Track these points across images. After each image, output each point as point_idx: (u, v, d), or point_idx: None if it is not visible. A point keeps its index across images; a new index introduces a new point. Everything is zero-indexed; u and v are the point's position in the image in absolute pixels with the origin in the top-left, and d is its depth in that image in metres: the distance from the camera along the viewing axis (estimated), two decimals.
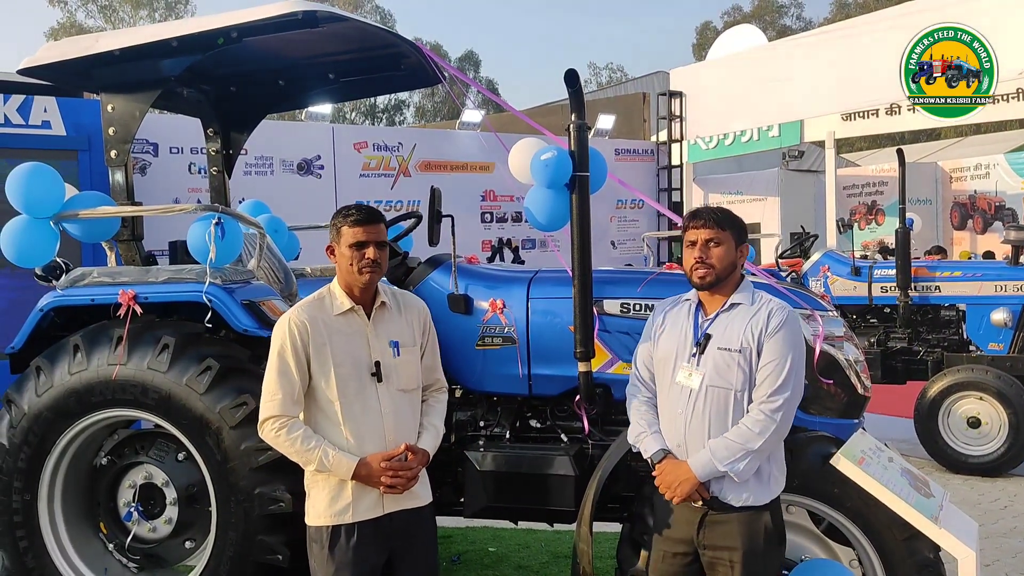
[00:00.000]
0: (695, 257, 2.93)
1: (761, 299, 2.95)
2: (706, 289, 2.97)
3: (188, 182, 9.87)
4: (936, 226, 16.77)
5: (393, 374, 3.01)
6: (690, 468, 2.84)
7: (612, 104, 19.13)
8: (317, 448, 2.90)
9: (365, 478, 2.91)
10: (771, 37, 23.04)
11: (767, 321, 2.86)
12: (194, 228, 3.87)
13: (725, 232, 2.93)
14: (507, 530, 5.81)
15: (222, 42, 3.83)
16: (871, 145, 27.33)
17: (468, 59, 51.37)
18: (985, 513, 6.28)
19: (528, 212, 3.79)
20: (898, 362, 8.38)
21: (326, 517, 2.96)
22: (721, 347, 2.88)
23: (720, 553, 2.88)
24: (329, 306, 3.02)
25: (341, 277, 3.04)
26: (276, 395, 2.92)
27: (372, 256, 2.96)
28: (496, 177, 12.48)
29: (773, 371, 2.82)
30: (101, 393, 3.79)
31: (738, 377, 2.85)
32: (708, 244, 2.91)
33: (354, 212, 3.00)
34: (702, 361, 2.90)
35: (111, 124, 4.12)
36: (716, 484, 2.86)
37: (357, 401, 2.96)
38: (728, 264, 2.93)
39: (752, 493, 2.86)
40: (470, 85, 8.38)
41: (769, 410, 2.80)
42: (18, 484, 3.90)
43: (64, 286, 4.02)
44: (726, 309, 2.95)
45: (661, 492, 2.92)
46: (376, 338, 3.02)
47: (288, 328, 2.95)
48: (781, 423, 2.81)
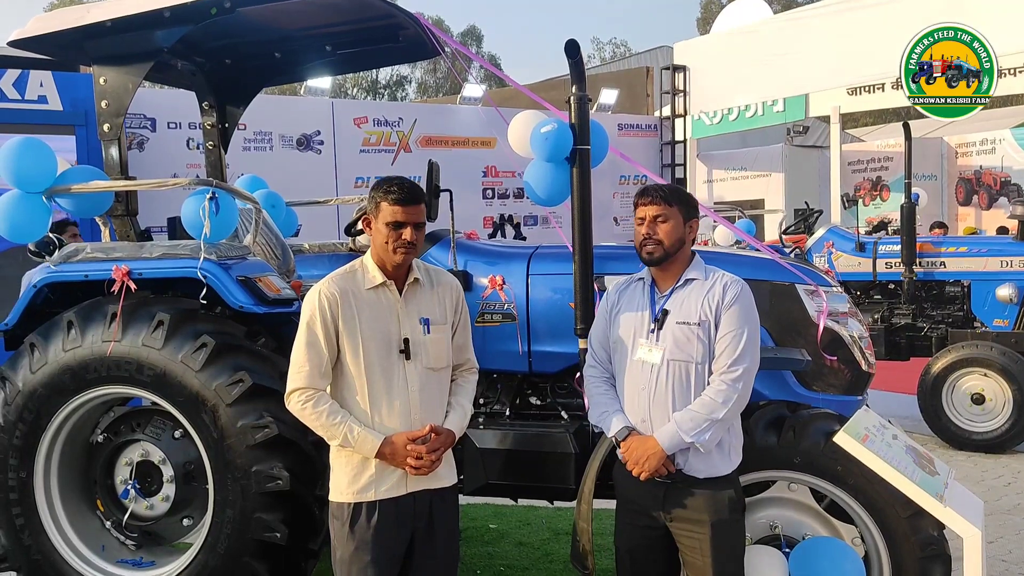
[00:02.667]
0: (643, 233, 2.99)
1: (715, 274, 3.02)
2: (655, 265, 3.03)
3: (187, 158, 9.81)
4: (941, 201, 16.66)
5: (422, 352, 2.94)
6: (657, 442, 2.89)
7: (615, 79, 18.99)
8: (343, 423, 2.85)
9: (389, 457, 2.85)
10: (776, 10, 22.79)
11: (723, 294, 2.94)
12: (188, 203, 3.82)
13: (672, 208, 2.98)
14: (508, 507, 5.80)
15: (215, 12, 3.75)
16: (876, 120, 27.12)
17: (470, 34, 51.05)
18: (989, 490, 6.26)
19: (528, 186, 3.73)
20: (902, 338, 8.35)
21: (348, 494, 2.90)
22: (680, 321, 2.94)
23: (686, 526, 2.95)
24: (361, 279, 2.95)
25: (375, 252, 2.96)
26: (304, 367, 2.87)
27: (409, 238, 2.88)
28: (497, 153, 12.40)
29: (731, 342, 2.89)
30: (96, 370, 3.75)
31: (698, 349, 2.92)
32: (656, 220, 2.97)
33: (396, 189, 2.88)
34: (661, 336, 2.96)
35: (103, 97, 4.05)
36: (681, 456, 2.92)
37: (383, 378, 2.89)
38: (676, 240, 2.99)
39: (715, 464, 2.94)
40: (472, 59, 8.28)
41: (730, 379, 2.87)
42: (14, 462, 3.87)
43: (57, 262, 3.97)
44: (681, 285, 3.01)
45: (628, 468, 2.95)
46: (406, 314, 2.95)
47: (318, 300, 2.88)
48: (743, 392, 2.89)
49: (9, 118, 7.84)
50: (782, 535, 3.26)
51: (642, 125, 15.24)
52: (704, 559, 2.93)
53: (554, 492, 3.87)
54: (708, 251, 4.36)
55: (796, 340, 3.69)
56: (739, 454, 3.02)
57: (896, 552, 3.13)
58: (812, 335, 3.65)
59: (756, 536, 3.30)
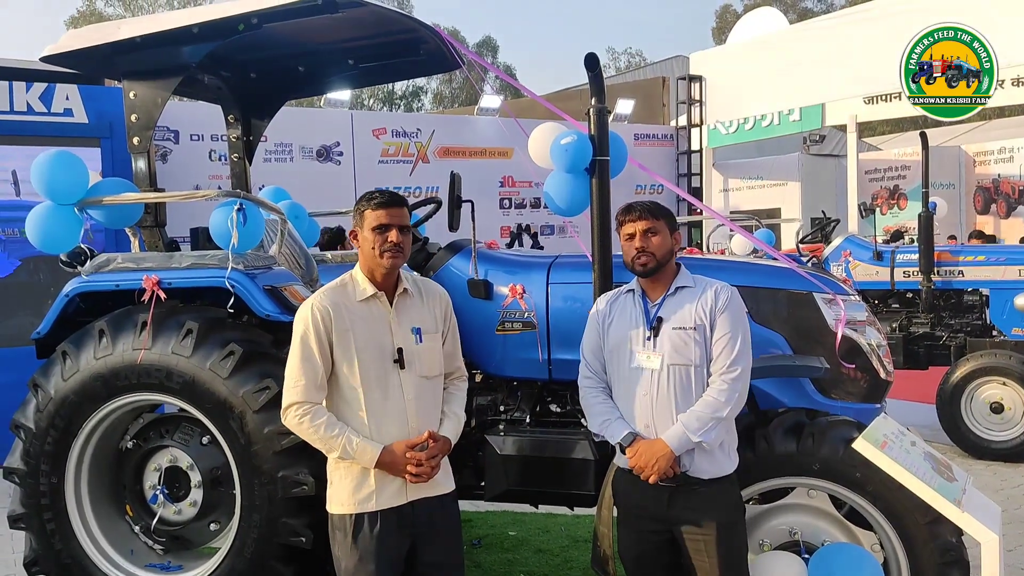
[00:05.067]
0: (636, 247, 3.10)
1: (703, 281, 3.14)
2: (648, 276, 3.13)
3: (209, 169, 9.93)
4: (959, 210, 16.58)
5: (416, 361, 3.01)
6: (665, 443, 2.95)
7: (631, 89, 19.02)
8: (341, 435, 2.89)
9: (389, 466, 2.90)
10: (792, 20, 22.80)
11: (715, 299, 3.06)
12: (216, 214, 3.90)
13: (659, 221, 3.11)
14: (527, 514, 5.84)
15: (243, 28, 3.84)
16: (893, 129, 27.05)
17: (486, 44, 51.16)
18: (1008, 499, 6.24)
19: (548, 197, 3.79)
20: (920, 347, 8.33)
21: (349, 505, 2.96)
22: (676, 327, 3.05)
23: (693, 528, 2.99)
24: (352, 292, 3.01)
25: (363, 262, 3.03)
26: (299, 381, 2.92)
27: (395, 239, 2.94)
28: (515, 163, 12.46)
29: (728, 344, 3.01)
30: (126, 377, 3.83)
31: (696, 352, 3.02)
32: (647, 234, 3.09)
33: (377, 195, 3.00)
34: (658, 343, 3.05)
35: (133, 111, 4.14)
36: (686, 458, 2.99)
37: (379, 388, 2.95)
38: (667, 251, 3.12)
39: (720, 464, 3.03)
40: (488, 70, 8.35)
41: (731, 379, 2.98)
42: (45, 467, 3.95)
43: (89, 272, 4.06)
44: (672, 293, 3.12)
45: (636, 473, 3.00)
46: (398, 325, 3.01)
47: (311, 314, 2.94)
48: (742, 390, 3.02)
49: (36, 130, 7.96)
50: (801, 541, 3.30)
51: (658, 135, 15.26)
52: (711, 560, 2.98)
53: (574, 498, 3.92)
54: (726, 260, 4.41)
55: (814, 348, 3.72)
56: (736, 456, 3.11)
57: (915, 558, 3.15)
58: (830, 343, 3.67)
59: (776, 542, 3.34)
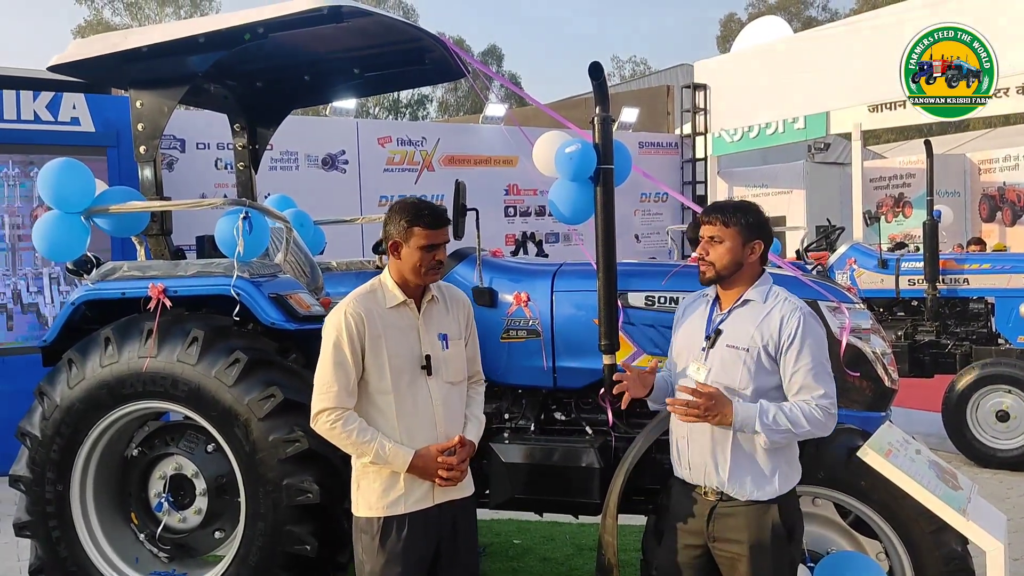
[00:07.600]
0: (699, 253, 3.00)
1: (776, 297, 2.95)
2: (709, 285, 3.04)
3: (215, 177, 9.95)
4: (965, 218, 16.56)
5: (442, 367, 3.04)
6: (733, 410, 2.77)
7: (636, 97, 19.06)
8: (373, 440, 2.91)
9: (421, 470, 2.93)
10: (796, 28, 22.84)
11: (780, 328, 2.85)
12: (222, 223, 3.92)
13: (729, 230, 2.94)
14: (532, 522, 5.83)
15: (248, 38, 3.86)
16: (898, 137, 27.02)
17: (491, 53, 51.33)
18: (1014, 507, 6.21)
19: (552, 205, 3.79)
20: (926, 355, 8.30)
21: (378, 508, 2.97)
22: (729, 344, 2.91)
23: (728, 546, 2.91)
24: (382, 298, 3.02)
25: (398, 272, 3.02)
26: (332, 387, 2.92)
27: (441, 258, 3.01)
28: (520, 171, 12.47)
29: (816, 374, 2.82)
30: (132, 385, 3.84)
31: (742, 375, 2.87)
32: (711, 240, 2.97)
33: (427, 214, 2.96)
34: (710, 356, 2.94)
35: (140, 120, 4.17)
36: (733, 477, 2.86)
37: (409, 394, 2.97)
38: (730, 262, 2.95)
39: (758, 488, 2.87)
40: (493, 79, 8.38)
41: (824, 407, 2.80)
42: (51, 475, 3.96)
43: (95, 280, 4.08)
44: (739, 305, 2.98)
45: (694, 405, 2.77)
46: (426, 331, 3.03)
47: (344, 320, 2.94)
48: (828, 423, 2.83)
49: (43, 139, 8.00)
50: (807, 550, 3.28)
51: (663, 143, 15.27)
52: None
53: (579, 506, 3.90)
54: None
55: None
56: (790, 482, 2.93)
57: (920, 567, 3.15)
58: (835, 351, 3.67)
59: None
